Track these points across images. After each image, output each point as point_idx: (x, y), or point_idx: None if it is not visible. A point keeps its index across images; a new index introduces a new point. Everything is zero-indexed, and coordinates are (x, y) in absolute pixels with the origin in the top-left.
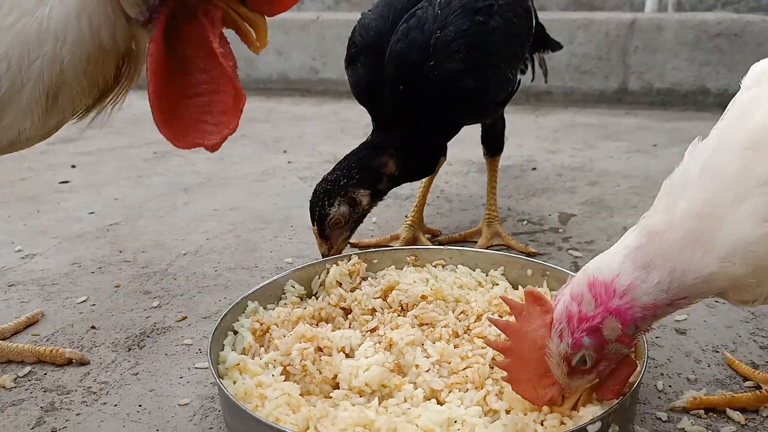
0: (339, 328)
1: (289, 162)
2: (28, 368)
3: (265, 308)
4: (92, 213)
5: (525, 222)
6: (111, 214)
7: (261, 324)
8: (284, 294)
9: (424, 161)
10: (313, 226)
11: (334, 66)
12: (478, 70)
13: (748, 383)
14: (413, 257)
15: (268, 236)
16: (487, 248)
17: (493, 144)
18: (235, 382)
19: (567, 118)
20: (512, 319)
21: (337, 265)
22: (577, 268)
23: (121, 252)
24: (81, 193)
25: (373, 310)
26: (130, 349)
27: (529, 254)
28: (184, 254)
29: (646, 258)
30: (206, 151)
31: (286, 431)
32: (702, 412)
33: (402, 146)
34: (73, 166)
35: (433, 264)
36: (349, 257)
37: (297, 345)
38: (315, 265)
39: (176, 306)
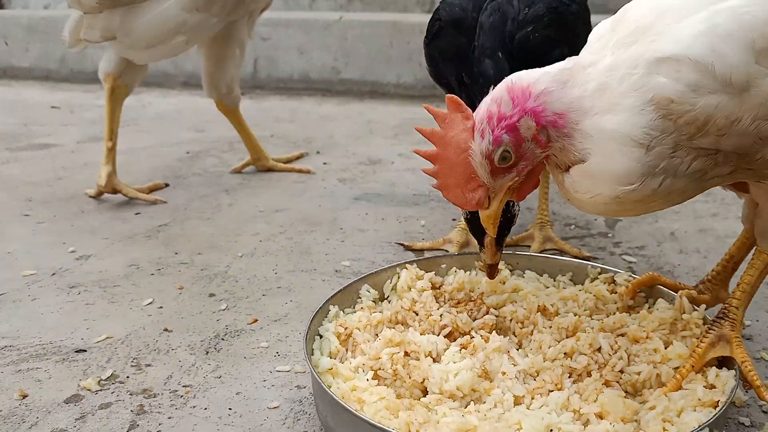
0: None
1: (324, 163)
2: (110, 371)
3: (344, 312)
4: (138, 214)
5: (572, 226)
6: (157, 214)
7: (345, 328)
8: (359, 298)
9: None
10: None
11: (356, 66)
12: (566, 43)
13: None
14: (481, 262)
15: (319, 239)
16: (540, 253)
17: None
18: (329, 387)
19: None
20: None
21: (407, 269)
22: (633, 274)
23: (176, 254)
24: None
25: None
26: (207, 352)
27: (584, 258)
28: (241, 256)
29: (564, 76)
30: (240, 153)
31: None
32: None
33: None
34: None
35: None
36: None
37: (386, 350)
38: (387, 270)
39: (244, 308)
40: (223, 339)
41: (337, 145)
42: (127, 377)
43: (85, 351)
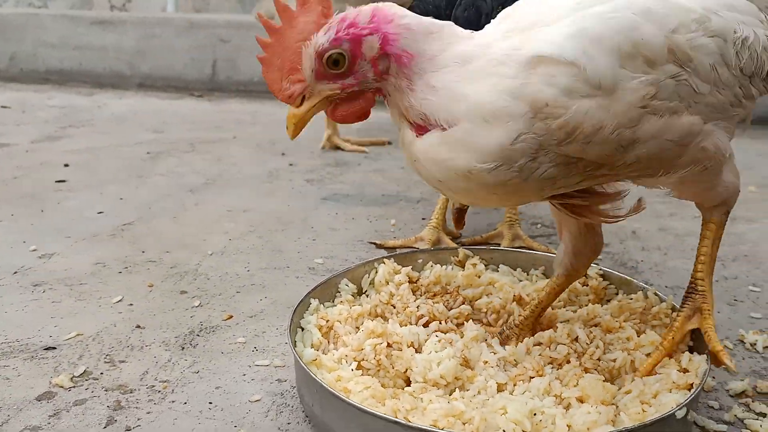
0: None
1: (290, 164)
2: (82, 368)
3: (324, 306)
4: (101, 213)
5: (539, 225)
6: (121, 213)
7: (327, 321)
8: (339, 292)
9: None
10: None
11: None
12: None
13: None
14: (457, 257)
15: (291, 237)
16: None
17: None
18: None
19: None
20: None
21: (385, 264)
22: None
23: (144, 252)
24: (83, 192)
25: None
26: (183, 348)
27: (553, 254)
28: (211, 254)
29: (433, 29)
30: (202, 153)
31: (391, 418)
32: (750, 400)
33: None
34: (66, 165)
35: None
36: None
37: (369, 341)
38: (364, 264)
39: (218, 305)
40: (198, 335)
41: (303, 147)
42: (101, 374)
43: (54, 348)
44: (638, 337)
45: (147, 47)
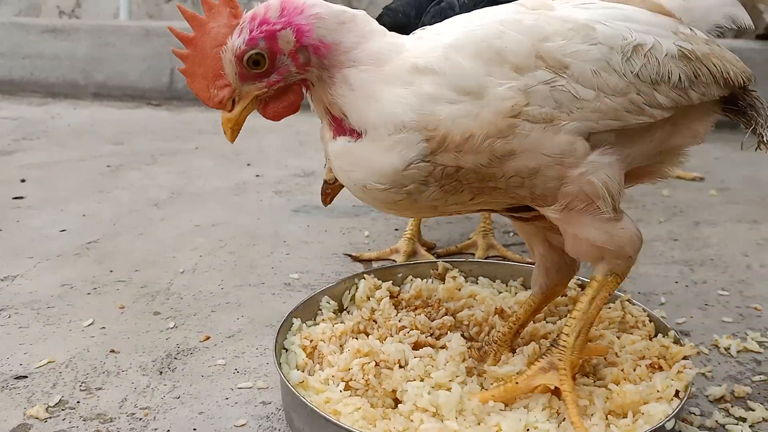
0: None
1: (257, 176)
2: (57, 397)
3: (306, 325)
4: (64, 231)
5: (511, 233)
6: (85, 231)
7: (311, 341)
8: (320, 310)
9: None
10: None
11: None
12: None
13: (757, 378)
14: (436, 270)
15: (263, 252)
16: (485, 260)
17: None
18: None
19: None
20: None
21: (365, 279)
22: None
23: (112, 271)
24: (43, 210)
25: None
26: (161, 372)
27: (528, 264)
28: (182, 272)
29: (345, 18)
30: (165, 165)
31: None
32: (729, 405)
33: None
34: (23, 180)
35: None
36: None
37: (356, 360)
38: (345, 281)
39: (194, 326)
40: (176, 358)
41: (268, 158)
42: (78, 402)
43: (26, 377)
44: (618, 339)
45: (101, 55)
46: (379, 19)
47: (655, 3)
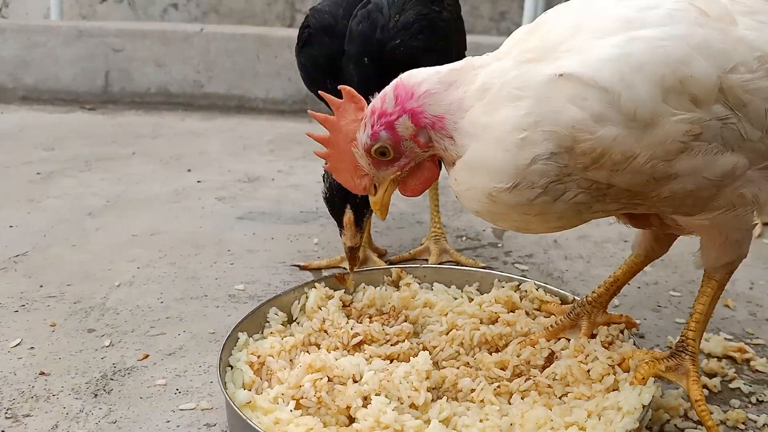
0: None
1: (198, 181)
2: None
3: (253, 339)
4: None
5: (464, 238)
6: (13, 243)
7: (258, 356)
8: (267, 322)
9: None
10: (348, 214)
11: (221, 80)
12: (438, 51)
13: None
14: (390, 277)
15: (206, 262)
16: (439, 265)
17: None
18: (251, 424)
19: None
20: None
21: (316, 288)
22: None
23: (42, 286)
24: None
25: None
26: (96, 395)
27: (482, 268)
28: (118, 286)
29: (452, 77)
30: (100, 172)
31: None
32: (687, 408)
33: None
34: None
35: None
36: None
37: (308, 376)
38: (294, 290)
39: (131, 343)
40: (112, 379)
41: (210, 162)
42: (2, 431)
43: None
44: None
45: (31, 57)
46: (306, 21)
47: None
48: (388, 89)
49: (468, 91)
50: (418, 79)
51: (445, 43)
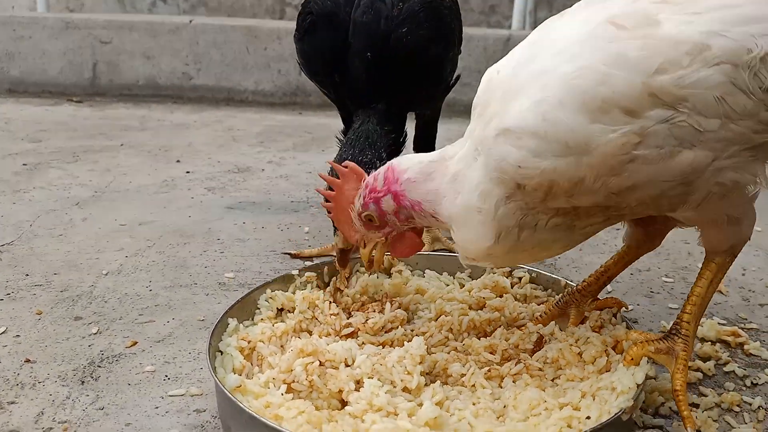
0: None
1: (187, 172)
2: None
3: (243, 325)
4: None
5: None
6: None
7: (249, 342)
8: (258, 309)
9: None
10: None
11: (210, 72)
12: (444, 39)
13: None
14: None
15: (195, 251)
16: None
17: (428, 145)
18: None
19: (455, 127)
20: None
21: (308, 275)
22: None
23: (28, 275)
24: None
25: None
26: (83, 382)
27: None
28: (106, 274)
29: (431, 168)
30: (88, 163)
31: None
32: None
33: (391, 118)
34: None
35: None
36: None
37: (299, 360)
38: (284, 277)
39: (119, 331)
40: (99, 366)
41: (199, 153)
42: None
43: None
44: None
45: (17, 49)
46: (306, 7)
47: None
48: (382, 170)
49: (442, 182)
50: (404, 166)
51: (449, 30)
